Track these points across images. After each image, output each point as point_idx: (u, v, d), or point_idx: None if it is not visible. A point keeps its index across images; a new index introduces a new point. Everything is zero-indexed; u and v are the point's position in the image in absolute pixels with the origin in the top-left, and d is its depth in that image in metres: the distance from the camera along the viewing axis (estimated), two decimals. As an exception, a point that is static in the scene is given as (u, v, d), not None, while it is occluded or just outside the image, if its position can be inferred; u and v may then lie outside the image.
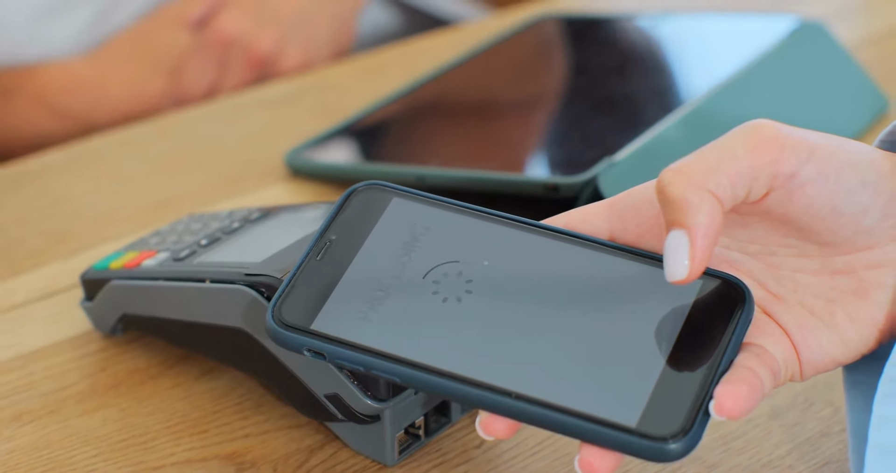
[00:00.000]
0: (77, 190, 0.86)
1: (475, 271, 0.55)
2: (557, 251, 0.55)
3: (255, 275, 0.61)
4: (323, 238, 0.56)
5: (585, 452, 0.50)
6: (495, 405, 0.51)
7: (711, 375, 0.51)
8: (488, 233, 0.56)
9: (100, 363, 0.69)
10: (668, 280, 0.51)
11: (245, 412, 0.66)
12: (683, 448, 0.49)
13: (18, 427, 0.65)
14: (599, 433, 0.50)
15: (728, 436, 0.63)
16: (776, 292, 0.55)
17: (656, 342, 0.52)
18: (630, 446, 0.50)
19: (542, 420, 0.51)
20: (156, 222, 0.80)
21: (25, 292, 0.75)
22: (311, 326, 0.53)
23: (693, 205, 0.50)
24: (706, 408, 0.50)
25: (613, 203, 0.56)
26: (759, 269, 0.55)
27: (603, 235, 0.55)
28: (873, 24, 1.10)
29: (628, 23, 1.02)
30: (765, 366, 0.52)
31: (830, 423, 0.64)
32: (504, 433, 0.51)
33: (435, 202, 0.57)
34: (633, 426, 0.50)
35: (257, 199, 0.84)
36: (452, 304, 0.54)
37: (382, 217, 0.57)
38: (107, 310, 0.69)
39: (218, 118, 0.96)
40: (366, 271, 0.55)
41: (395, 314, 0.54)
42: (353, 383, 0.59)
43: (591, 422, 0.50)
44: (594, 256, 0.55)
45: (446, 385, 0.52)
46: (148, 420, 0.65)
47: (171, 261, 0.66)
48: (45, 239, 0.80)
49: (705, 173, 0.51)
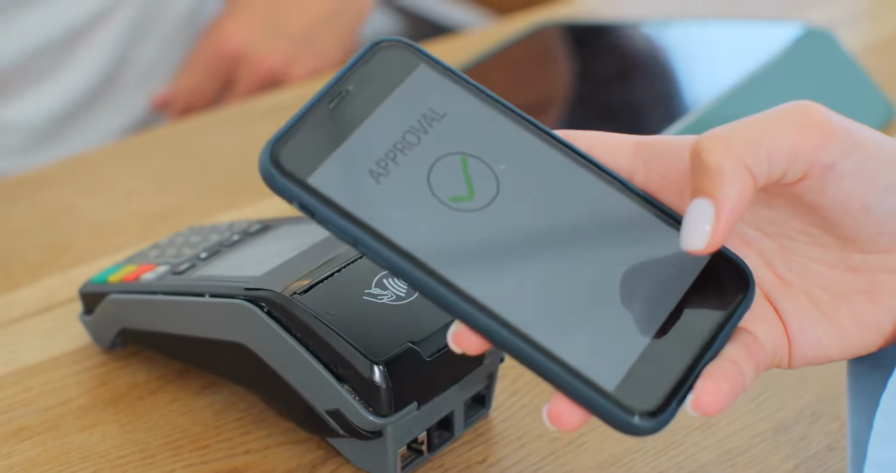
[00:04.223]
0: (76, 202, 0.86)
1: (487, 172, 0.51)
2: (575, 177, 0.52)
3: (256, 289, 0.60)
4: (339, 86, 0.51)
5: (557, 403, 0.48)
6: (477, 324, 0.49)
7: (697, 360, 0.49)
8: (509, 133, 0.52)
9: (99, 377, 0.69)
10: (683, 247, 0.49)
11: (246, 427, 0.65)
12: (651, 427, 0.48)
13: (17, 443, 0.65)
14: (576, 388, 0.48)
15: (734, 451, 0.63)
16: (784, 275, 0.53)
17: (652, 308, 0.51)
18: (602, 410, 0.48)
19: (523, 356, 0.49)
20: (155, 234, 0.80)
21: (24, 305, 0.75)
22: (307, 178, 0.49)
23: (726, 176, 0.48)
24: (684, 395, 0.49)
25: (642, 145, 0.53)
26: (771, 249, 0.54)
27: (623, 172, 0.53)
28: (879, 32, 1.09)
29: (632, 30, 1.01)
30: (750, 360, 0.50)
31: (838, 437, 0.63)
32: (475, 350, 0.49)
33: (462, 83, 0.53)
34: (610, 390, 0.48)
35: (257, 211, 0.83)
36: (457, 201, 0.51)
37: (405, 83, 0.52)
38: (105, 324, 0.68)
39: (217, 129, 0.95)
40: (375, 137, 0.51)
41: (397, 193, 0.50)
42: (355, 398, 0.58)
43: (570, 374, 0.48)
44: (612, 195, 0.52)
45: (433, 286, 0.49)
46: (148, 436, 0.65)
47: (170, 275, 0.66)
48: (43, 252, 0.80)
49: (746, 146, 0.49)
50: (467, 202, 0.51)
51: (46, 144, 1.11)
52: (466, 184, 0.51)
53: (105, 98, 1.13)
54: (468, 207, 0.51)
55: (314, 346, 0.58)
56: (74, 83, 1.11)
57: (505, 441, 0.64)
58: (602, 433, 0.64)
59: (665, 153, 0.53)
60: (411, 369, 0.58)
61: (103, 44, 1.11)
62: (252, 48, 1.11)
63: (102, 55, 1.12)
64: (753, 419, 0.65)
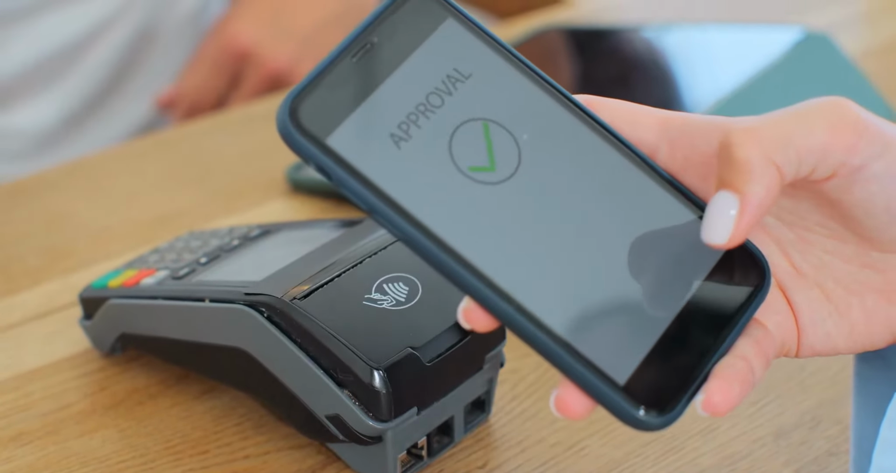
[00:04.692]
0: (76, 207, 0.86)
1: (509, 141, 0.50)
2: (598, 153, 0.51)
3: (255, 294, 0.60)
4: (364, 37, 0.49)
5: (565, 391, 0.48)
6: (488, 303, 0.47)
7: (709, 355, 0.49)
8: (534, 100, 0.51)
9: (99, 382, 0.69)
10: (704, 240, 0.48)
11: (246, 432, 0.65)
12: (659, 424, 0.47)
13: (17, 448, 0.65)
14: (586, 377, 0.47)
15: (734, 456, 0.62)
16: (799, 266, 0.53)
17: (667, 298, 0.50)
18: (611, 403, 0.47)
19: (533, 341, 0.47)
20: (155, 238, 0.80)
21: (23, 310, 0.75)
22: (326, 139, 0.47)
23: (755, 172, 0.48)
24: (693, 392, 0.48)
25: (668, 122, 0.52)
26: (789, 239, 0.53)
27: (645, 148, 0.52)
28: (878, 36, 1.09)
29: (633, 34, 1.01)
30: (761, 355, 0.50)
31: (838, 442, 0.63)
32: (484, 328, 0.49)
33: (489, 40, 0.51)
34: (620, 383, 0.47)
35: (258, 215, 0.83)
36: (477, 172, 0.49)
37: (431, 38, 0.50)
38: (105, 329, 0.68)
39: (218, 133, 0.95)
40: (398, 96, 0.49)
41: (417, 161, 0.48)
42: (355, 403, 0.58)
43: (581, 364, 0.47)
44: (635, 174, 0.51)
45: (446, 262, 0.47)
46: (148, 441, 0.65)
47: (170, 279, 0.66)
48: (43, 257, 0.80)
49: (776, 142, 0.48)
50: (488, 173, 0.49)
51: (51, 149, 1.11)
52: (488, 153, 0.50)
53: (110, 103, 1.13)
54: (488, 178, 0.49)
55: (314, 351, 0.58)
56: (79, 89, 1.11)
57: (505, 446, 0.64)
58: (602, 437, 0.64)
59: (692, 134, 0.52)
60: (411, 374, 0.58)
61: (108, 51, 1.12)
62: (259, 47, 1.11)
63: (107, 62, 1.12)
64: (754, 423, 0.64)
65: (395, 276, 0.60)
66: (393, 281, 0.60)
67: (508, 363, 0.67)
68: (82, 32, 1.09)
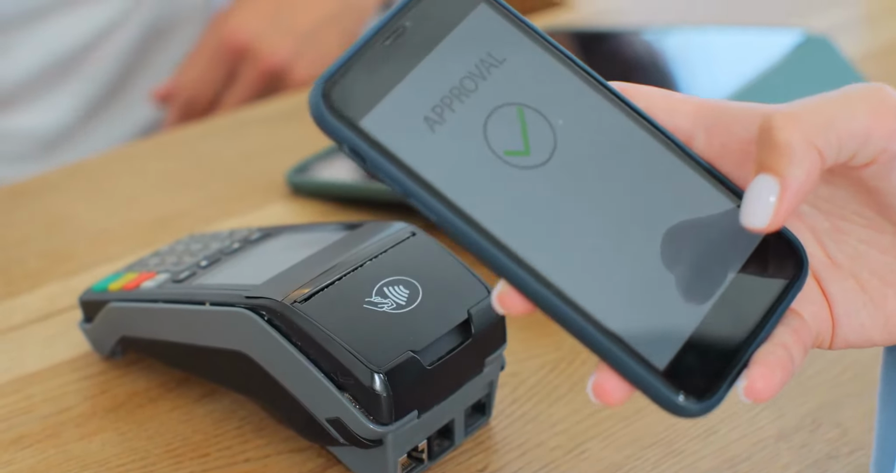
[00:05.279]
0: (76, 210, 0.85)
1: (544, 126, 0.49)
2: (634, 139, 0.50)
3: (256, 297, 0.60)
4: (396, 21, 0.48)
5: (603, 377, 0.47)
6: (525, 287, 0.47)
7: (748, 343, 0.48)
8: (568, 85, 0.50)
9: (99, 385, 0.69)
10: (743, 224, 0.48)
11: (246, 435, 0.65)
12: (700, 410, 0.46)
13: (17, 451, 0.65)
14: (625, 363, 0.46)
15: (735, 459, 0.62)
16: (834, 256, 0.52)
17: (705, 284, 0.49)
18: (651, 388, 0.46)
19: (571, 324, 0.47)
20: (155, 241, 0.80)
21: (24, 313, 0.75)
22: (360, 121, 0.46)
23: (796, 156, 0.47)
24: (734, 378, 0.47)
25: (703, 110, 0.52)
26: (824, 229, 0.52)
27: (681, 135, 0.51)
28: (878, 39, 1.09)
29: (634, 36, 1.01)
30: (799, 344, 0.49)
31: (838, 445, 0.63)
32: (519, 312, 0.48)
33: (521, 26, 0.51)
34: (660, 368, 0.47)
35: (258, 218, 0.83)
36: (512, 156, 0.48)
37: (463, 22, 0.49)
38: (106, 332, 0.68)
39: (218, 136, 0.95)
40: (432, 80, 0.48)
41: (452, 144, 0.48)
42: (356, 406, 0.58)
43: (620, 348, 0.46)
44: (671, 161, 0.51)
45: (484, 246, 0.46)
46: (148, 444, 0.65)
47: (170, 283, 0.66)
48: (43, 259, 0.80)
49: (817, 126, 0.48)
50: (523, 157, 0.49)
51: (54, 152, 1.11)
52: (523, 138, 0.49)
53: (113, 106, 1.14)
54: (523, 163, 0.48)
55: (315, 354, 0.58)
56: (82, 93, 1.11)
57: (505, 450, 0.64)
58: (602, 441, 0.64)
59: (728, 121, 0.51)
60: (412, 377, 0.58)
61: (111, 55, 1.12)
62: (258, 43, 1.11)
63: (110, 65, 1.12)
64: (754, 426, 0.64)
65: (396, 279, 0.60)
66: (393, 284, 0.60)
67: (509, 367, 0.67)
68: (85, 37, 1.10)
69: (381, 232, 0.63)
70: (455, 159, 0.47)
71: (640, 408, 0.66)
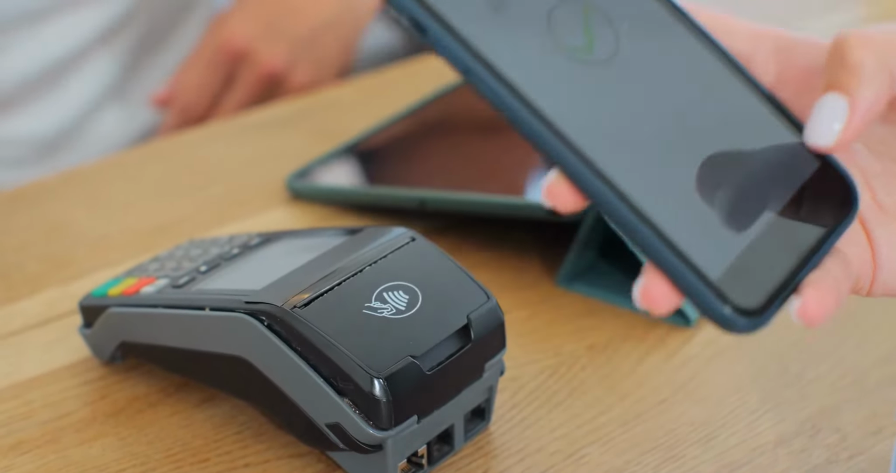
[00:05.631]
0: (75, 215, 0.85)
1: (608, 28, 0.48)
2: (697, 55, 0.50)
3: (256, 303, 0.60)
4: None
5: (652, 283, 0.46)
6: (582, 179, 0.45)
7: (800, 267, 0.47)
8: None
9: (99, 390, 0.69)
10: (807, 142, 0.47)
11: (246, 440, 0.65)
12: (749, 326, 0.45)
13: (17, 457, 0.65)
14: (677, 268, 0.45)
15: (734, 464, 0.62)
16: (881, 201, 0.51)
17: (758, 204, 0.48)
18: (702, 298, 0.45)
19: (626, 222, 0.45)
20: (155, 246, 0.80)
21: (23, 318, 0.75)
22: None
23: (867, 76, 0.47)
24: (785, 297, 0.46)
25: (764, 36, 0.51)
26: (874, 171, 0.52)
27: (739, 59, 0.51)
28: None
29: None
30: (846, 279, 0.48)
31: (838, 450, 0.63)
32: (569, 207, 0.46)
33: None
34: (713, 278, 0.46)
35: (258, 223, 0.83)
36: (577, 52, 0.47)
37: None
38: (105, 337, 0.68)
39: (217, 141, 0.95)
40: None
41: (516, 28, 0.46)
42: (355, 412, 0.58)
43: (675, 254, 0.45)
44: (732, 81, 0.50)
45: (543, 131, 0.45)
46: (148, 449, 0.65)
47: (170, 288, 0.66)
48: (43, 265, 0.80)
49: (892, 49, 0.47)
50: (584, 53, 0.48)
51: (51, 156, 1.11)
52: (586, 35, 0.48)
53: (110, 111, 1.13)
54: (585, 58, 0.48)
55: (314, 360, 0.58)
56: (80, 97, 1.11)
57: (505, 455, 0.64)
58: (602, 446, 0.64)
59: (789, 49, 0.51)
60: (411, 382, 0.58)
61: (110, 59, 1.12)
62: (255, 47, 1.11)
63: (108, 70, 1.12)
64: (753, 431, 0.64)
65: (396, 284, 0.60)
66: (393, 289, 0.60)
67: (508, 372, 0.68)
68: (83, 41, 1.10)
69: (381, 237, 0.63)
70: (515, 42, 0.46)
71: (640, 413, 0.66)
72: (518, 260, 0.78)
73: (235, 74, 1.12)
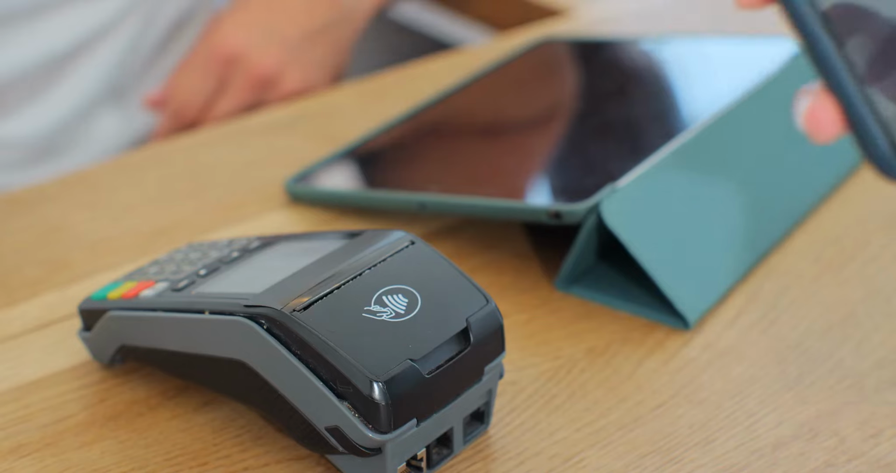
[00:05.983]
0: (74, 219, 0.86)
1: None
2: None
3: (255, 306, 0.60)
4: None
5: (820, 106, 0.45)
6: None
7: None
8: None
9: (98, 394, 0.69)
10: None
11: (245, 444, 0.65)
12: None
13: (16, 460, 0.65)
14: (853, 96, 0.45)
15: (733, 467, 0.63)
16: None
17: None
18: (867, 132, 0.45)
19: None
20: (154, 250, 0.80)
21: (22, 321, 0.75)
22: None
23: None
24: None
25: None
26: None
27: None
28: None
29: (631, 46, 1.02)
30: None
31: (836, 453, 0.63)
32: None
33: None
34: (885, 116, 0.45)
35: (257, 226, 0.83)
36: None
37: None
38: (105, 341, 0.68)
39: (215, 145, 0.95)
40: None
41: None
42: (355, 415, 0.58)
43: (854, 80, 0.45)
44: None
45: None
46: (147, 453, 0.65)
47: (169, 291, 0.66)
48: (42, 268, 0.80)
49: None
50: None
51: (45, 159, 1.11)
52: None
53: (105, 112, 1.13)
54: None
55: (314, 363, 0.58)
56: (74, 98, 1.11)
57: (504, 458, 0.64)
58: (601, 449, 0.64)
59: None
60: (411, 386, 0.58)
61: (104, 58, 1.11)
62: (247, 51, 1.11)
63: (103, 70, 1.12)
64: (752, 435, 0.65)
65: (395, 288, 0.60)
66: (392, 293, 0.60)
67: (507, 375, 0.68)
68: (78, 40, 1.09)
69: (381, 241, 0.63)
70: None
71: (639, 416, 0.66)
72: (517, 263, 0.79)
73: (228, 79, 1.13)
